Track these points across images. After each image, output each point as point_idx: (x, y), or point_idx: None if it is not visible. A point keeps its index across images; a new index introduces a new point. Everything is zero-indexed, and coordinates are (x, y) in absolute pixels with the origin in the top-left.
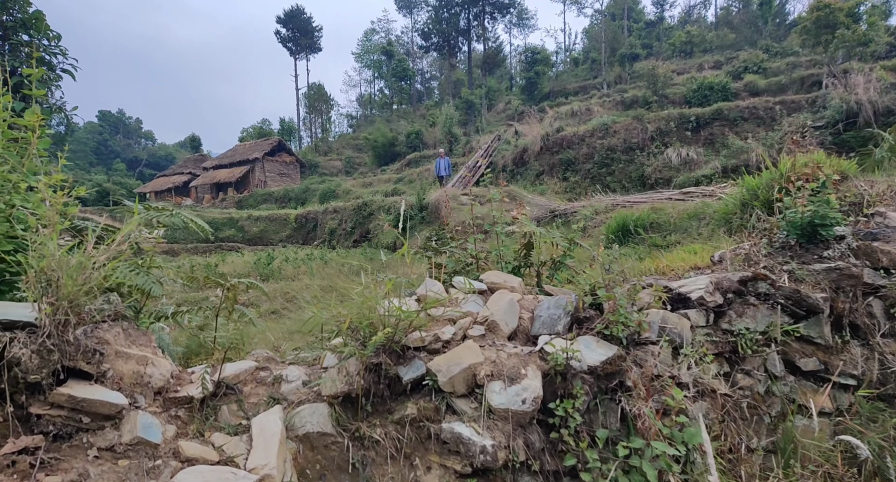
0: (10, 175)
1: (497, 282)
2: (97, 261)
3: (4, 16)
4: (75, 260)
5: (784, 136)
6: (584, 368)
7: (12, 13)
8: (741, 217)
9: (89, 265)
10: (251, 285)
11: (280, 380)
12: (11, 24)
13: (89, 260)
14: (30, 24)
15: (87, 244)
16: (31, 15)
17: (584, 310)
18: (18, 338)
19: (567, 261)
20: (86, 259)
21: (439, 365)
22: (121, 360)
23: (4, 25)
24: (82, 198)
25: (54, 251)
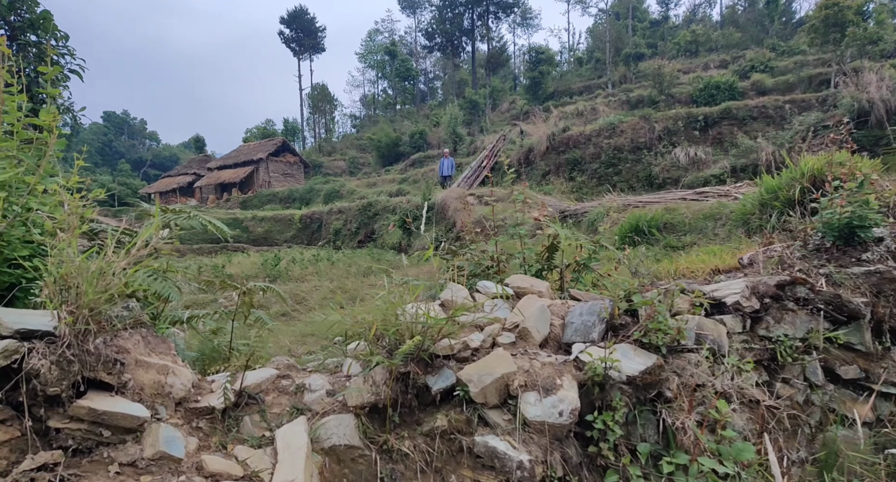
0: (27, 177)
1: (524, 287)
2: (118, 267)
3: (12, 16)
4: (95, 266)
5: (795, 135)
6: (622, 379)
7: (20, 13)
8: (760, 217)
9: (110, 271)
10: (267, 289)
11: (303, 389)
12: (19, 24)
13: (110, 266)
14: (38, 24)
15: (107, 249)
16: (38, 15)
17: (619, 317)
18: (37, 349)
19: (591, 264)
20: (106, 265)
21: (470, 374)
22: (141, 370)
23: (12, 25)
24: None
25: (74, 257)
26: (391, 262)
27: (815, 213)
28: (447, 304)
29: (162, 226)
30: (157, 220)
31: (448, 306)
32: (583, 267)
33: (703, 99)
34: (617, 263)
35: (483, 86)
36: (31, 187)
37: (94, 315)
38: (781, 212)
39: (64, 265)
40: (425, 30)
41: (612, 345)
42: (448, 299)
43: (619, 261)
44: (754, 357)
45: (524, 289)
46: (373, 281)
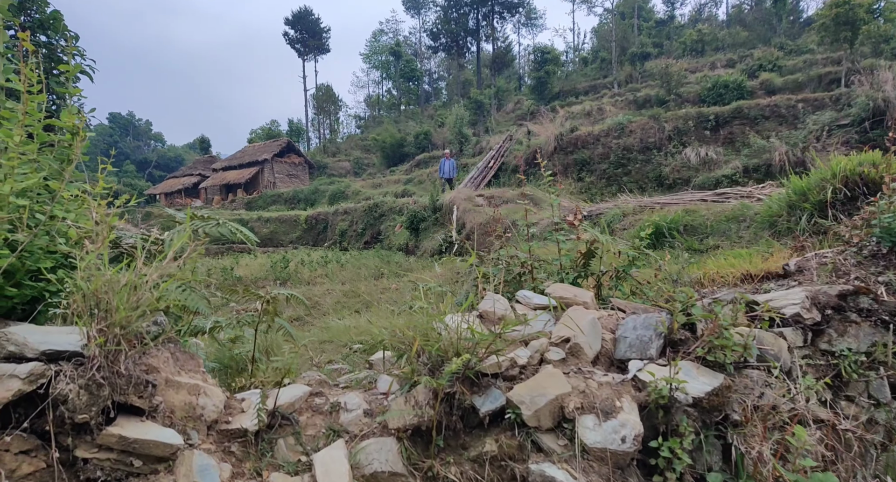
0: (52, 183)
1: (566, 297)
2: (149, 281)
3: (22, 16)
4: (125, 279)
5: (809, 135)
6: (688, 401)
7: (30, 14)
8: (788, 220)
9: (141, 285)
10: (291, 297)
11: (338, 408)
12: (29, 24)
13: (141, 279)
14: (47, 24)
15: (138, 261)
16: (48, 15)
17: (678, 332)
18: (64, 372)
19: (631, 272)
20: (137, 278)
21: (521, 395)
22: (171, 390)
23: (22, 26)
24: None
25: (105, 270)
26: (400, 264)
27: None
28: (486, 316)
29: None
30: (187, 228)
31: (487, 318)
32: (622, 274)
33: (712, 98)
34: (657, 270)
35: (488, 86)
36: (55, 194)
37: (126, 333)
38: (811, 214)
39: (94, 280)
40: (430, 30)
41: (672, 363)
42: (488, 310)
43: (658, 268)
44: (817, 373)
45: (567, 300)
46: (385, 284)
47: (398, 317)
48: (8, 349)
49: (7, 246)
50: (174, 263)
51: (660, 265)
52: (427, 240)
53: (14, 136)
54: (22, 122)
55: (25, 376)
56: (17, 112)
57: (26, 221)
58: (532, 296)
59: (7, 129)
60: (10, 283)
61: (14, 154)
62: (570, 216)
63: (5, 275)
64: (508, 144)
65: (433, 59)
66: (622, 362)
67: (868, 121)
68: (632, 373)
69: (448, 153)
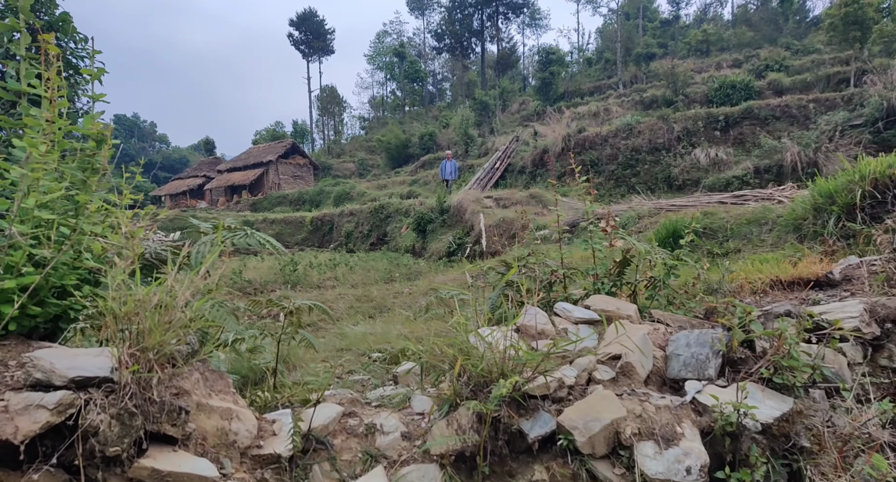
0: (79, 195)
1: (608, 310)
2: (180, 300)
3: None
4: (156, 298)
5: (821, 136)
6: (757, 428)
7: (39, 15)
8: (814, 223)
9: (173, 304)
10: (314, 307)
11: (374, 430)
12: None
13: (173, 298)
14: (57, 26)
15: (168, 277)
16: (58, 17)
17: (738, 350)
18: (94, 400)
19: (668, 281)
20: (170, 297)
21: (573, 420)
22: (203, 415)
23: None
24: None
25: (137, 290)
26: (410, 267)
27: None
28: (525, 330)
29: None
30: (219, 242)
31: (526, 332)
32: (659, 283)
33: (719, 99)
34: (695, 279)
35: (492, 87)
36: (79, 206)
37: (159, 357)
38: (839, 217)
39: (127, 301)
40: (435, 31)
41: (741, 385)
42: (527, 324)
43: (697, 277)
44: (879, 393)
45: (609, 313)
46: (397, 288)
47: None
48: (34, 376)
49: (31, 262)
50: (206, 279)
51: (699, 274)
52: (435, 242)
53: (38, 144)
54: (47, 131)
55: (54, 407)
56: (40, 119)
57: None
58: (572, 309)
59: (30, 137)
60: (33, 301)
61: (39, 165)
62: (603, 222)
63: (29, 292)
64: (515, 145)
65: (437, 60)
66: (676, 382)
67: (882, 121)
68: (690, 395)
69: (449, 154)
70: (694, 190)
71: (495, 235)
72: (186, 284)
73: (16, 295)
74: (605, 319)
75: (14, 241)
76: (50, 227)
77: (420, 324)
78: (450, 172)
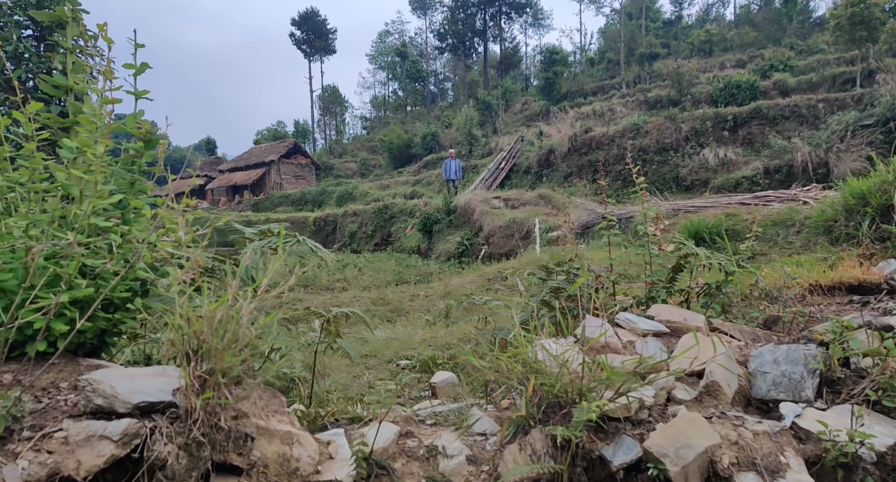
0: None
1: (675, 321)
2: (244, 315)
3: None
4: (220, 314)
5: (832, 136)
6: (872, 458)
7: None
8: (846, 225)
9: (237, 321)
10: (350, 316)
11: (435, 453)
12: (48, 23)
13: (237, 313)
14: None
15: (229, 291)
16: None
17: (837, 369)
18: (160, 429)
19: (725, 288)
20: (234, 313)
21: (662, 446)
22: (263, 440)
23: (40, 25)
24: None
25: (205, 306)
26: (419, 269)
27: None
28: (585, 342)
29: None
30: (281, 250)
31: (589, 345)
32: (716, 291)
33: (724, 98)
34: (752, 285)
35: (495, 87)
36: (127, 211)
37: (228, 381)
38: (873, 219)
39: (195, 317)
40: (437, 31)
41: (860, 412)
42: (589, 337)
43: (754, 283)
44: None
45: (676, 324)
46: (412, 290)
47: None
48: (95, 402)
49: (80, 273)
50: (270, 293)
51: (756, 280)
52: (442, 243)
53: (97, 145)
54: (104, 131)
55: (119, 438)
56: (94, 117)
57: (114, 245)
58: (637, 320)
59: (84, 136)
60: (83, 315)
61: (97, 167)
62: (652, 226)
63: (79, 305)
64: (520, 145)
65: (439, 60)
66: (764, 403)
67: (893, 121)
68: (789, 419)
69: (452, 153)
70: (703, 190)
71: (505, 236)
72: (249, 298)
73: (68, 310)
74: (672, 331)
75: (66, 251)
76: (104, 234)
77: (441, 328)
78: (454, 172)
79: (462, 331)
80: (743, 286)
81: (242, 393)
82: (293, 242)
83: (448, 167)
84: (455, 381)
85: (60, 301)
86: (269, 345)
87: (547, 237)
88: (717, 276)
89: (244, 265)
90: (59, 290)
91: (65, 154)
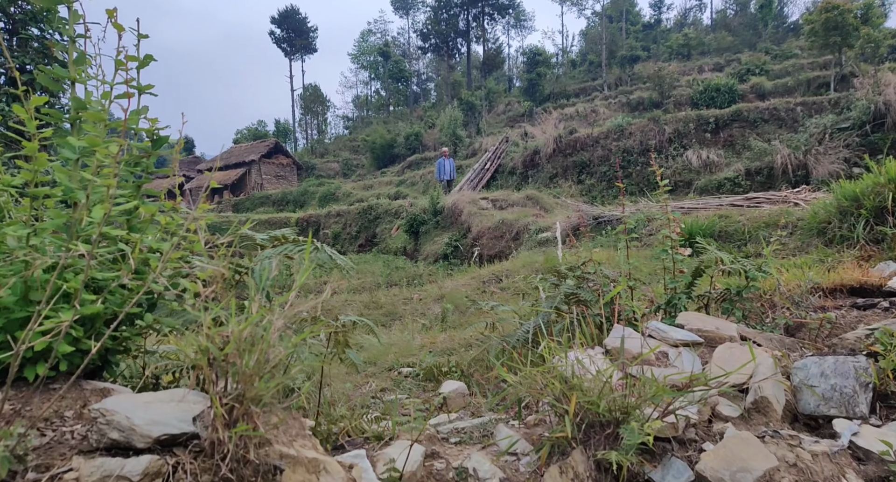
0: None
1: (707, 330)
2: (273, 333)
3: (12, 8)
4: (247, 332)
5: (810, 138)
6: None
7: (21, 5)
8: (840, 227)
9: (267, 341)
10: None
11: (465, 475)
12: (21, 16)
13: (266, 332)
14: (40, 16)
15: (251, 304)
16: (42, 7)
17: (892, 381)
18: (184, 466)
19: (747, 294)
20: (263, 331)
21: (716, 470)
22: (288, 469)
23: (13, 18)
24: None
25: (232, 324)
26: (407, 270)
27: None
28: (615, 354)
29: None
30: (307, 259)
31: (617, 356)
32: (736, 296)
33: (704, 101)
34: (771, 291)
35: (479, 87)
36: (133, 217)
37: (259, 410)
38: (867, 221)
39: (225, 340)
40: (420, 30)
41: None
42: (619, 348)
43: (776, 288)
44: None
45: (707, 333)
46: (404, 293)
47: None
48: (110, 436)
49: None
50: (301, 306)
51: (777, 286)
52: (429, 244)
53: (110, 143)
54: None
55: (139, 478)
56: (101, 112)
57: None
58: (668, 330)
59: (93, 135)
60: (88, 333)
61: (111, 170)
62: (669, 230)
63: (84, 323)
64: (505, 146)
65: (422, 60)
66: (812, 419)
67: (869, 124)
68: (846, 438)
69: (445, 151)
70: (686, 192)
71: (495, 238)
72: (278, 313)
73: (73, 329)
74: (705, 341)
75: (75, 264)
76: (113, 243)
77: (439, 333)
78: (448, 172)
79: (461, 335)
80: (763, 291)
81: (272, 420)
82: (311, 250)
83: (441, 167)
84: (465, 391)
85: (67, 320)
86: (299, 368)
87: (537, 238)
88: (732, 281)
89: (265, 276)
90: (63, 308)
91: (67, 154)
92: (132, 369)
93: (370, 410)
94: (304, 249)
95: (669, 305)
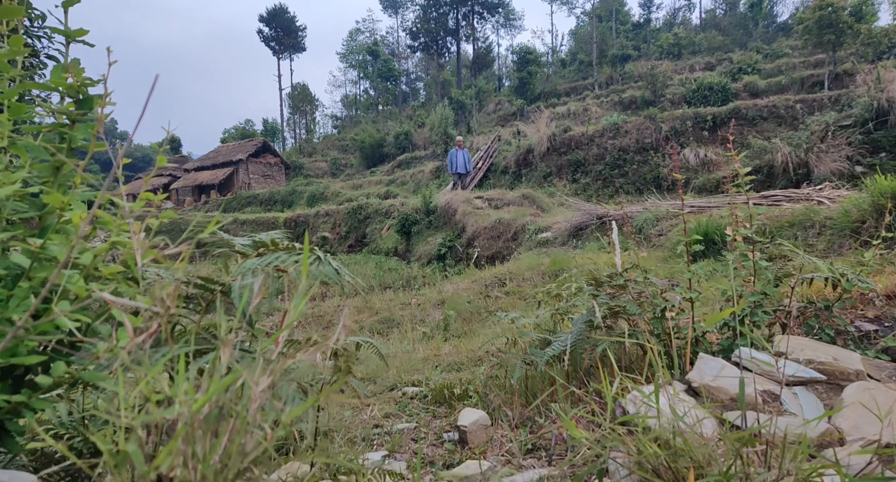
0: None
1: (822, 361)
2: (255, 404)
3: None
4: (209, 409)
5: (812, 136)
6: None
7: None
8: (876, 225)
9: (241, 417)
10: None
11: None
12: None
13: (244, 403)
14: None
15: (223, 358)
16: None
17: None
18: None
19: (841, 308)
20: (236, 403)
21: None
22: None
23: None
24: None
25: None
26: (400, 272)
27: None
28: (702, 392)
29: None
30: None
31: (705, 395)
32: (824, 311)
33: (697, 100)
34: (862, 303)
35: (469, 86)
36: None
37: None
38: None
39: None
40: (410, 29)
41: None
42: (708, 385)
43: (870, 300)
44: None
45: (824, 366)
46: (401, 297)
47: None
48: None
49: None
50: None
51: (874, 296)
52: (421, 244)
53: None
54: None
55: None
56: None
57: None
58: (763, 358)
59: None
60: None
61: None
62: (730, 229)
63: None
64: (497, 145)
65: (411, 59)
66: None
67: (871, 121)
68: None
69: (460, 141)
70: (684, 191)
71: (492, 238)
72: (261, 368)
73: None
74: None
75: None
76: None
77: (442, 343)
78: (462, 164)
79: (468, 347)
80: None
81: None
82: (311, 261)
83: (454, 159)
84: (487, 422)
85: None
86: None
87: (537, 239)
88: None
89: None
90: None
91: None
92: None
93: (373, 445)
94: (300, 260)
95: (730, 322)
